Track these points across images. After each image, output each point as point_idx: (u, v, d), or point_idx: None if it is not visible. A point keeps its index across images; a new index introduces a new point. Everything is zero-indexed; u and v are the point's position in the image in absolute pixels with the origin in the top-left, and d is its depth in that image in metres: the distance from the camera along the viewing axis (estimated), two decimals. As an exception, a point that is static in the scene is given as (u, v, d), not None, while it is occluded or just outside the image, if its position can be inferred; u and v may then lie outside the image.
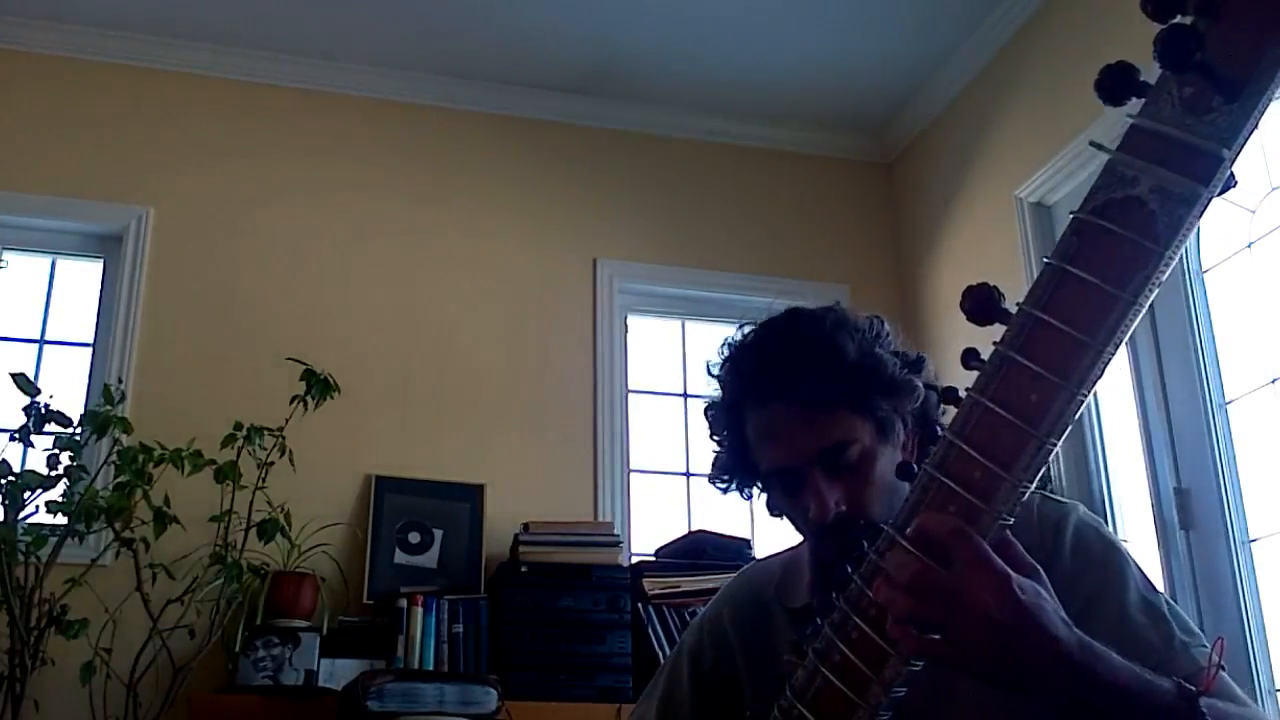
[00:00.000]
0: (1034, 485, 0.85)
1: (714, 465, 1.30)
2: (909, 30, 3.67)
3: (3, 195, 3.46)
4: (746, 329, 1.26)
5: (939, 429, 1.19)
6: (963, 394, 0.88)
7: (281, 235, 3.65)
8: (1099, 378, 0.81)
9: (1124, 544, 1.18)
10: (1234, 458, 2.66)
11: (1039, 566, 0.91)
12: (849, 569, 0.95)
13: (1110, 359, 0.81)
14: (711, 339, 3.98)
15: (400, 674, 2.78)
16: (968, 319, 0.88)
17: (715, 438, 1.29)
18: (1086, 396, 0.82)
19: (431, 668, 3.03)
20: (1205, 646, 1.06)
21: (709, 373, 1.29)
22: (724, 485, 1.30)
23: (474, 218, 3.83)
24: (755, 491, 1.30)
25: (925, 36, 3.70)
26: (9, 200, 3.47)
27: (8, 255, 3.52)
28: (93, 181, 3.55)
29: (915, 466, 0.92)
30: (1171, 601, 1.13)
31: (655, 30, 3.67)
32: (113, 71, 3.67)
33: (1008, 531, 0.88)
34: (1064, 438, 0.83)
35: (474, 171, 3.88)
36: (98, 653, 2.78)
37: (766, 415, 1.19)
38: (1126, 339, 0.81)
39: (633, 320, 3.92)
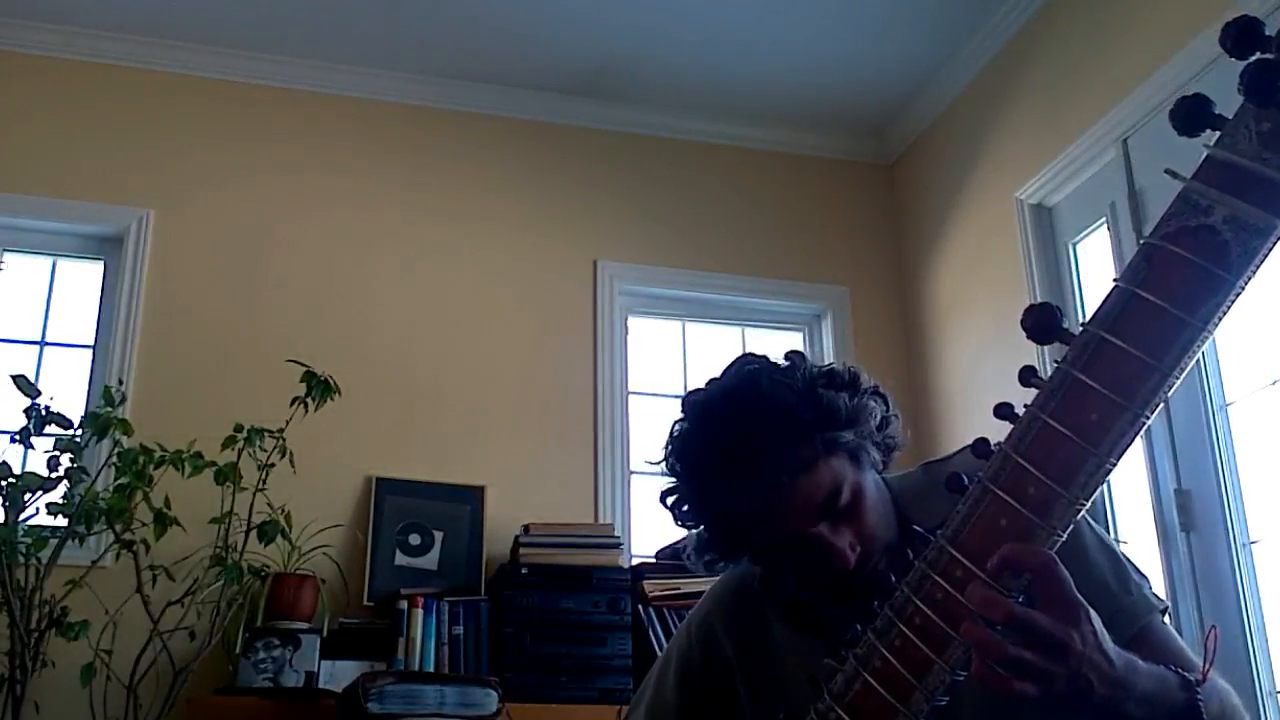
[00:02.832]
0: (1089, 504, 0.86)
1: (698, 550, 1.27)
2: (909, 31, 3.67)
3: (3, 197, 3.46)
4: (684, 426, 1.23)
5: (887, 418, 1.23)
6: (1020, 410, 0.88)
7: (281, 236, 3.65)
8: (1162, 401, 0.82)
9: None
10: (1235, 459, 2.66)
11: None
12: (893, 578, 0.95)
13: (1175, 384, 0.81)
14: (712, 340, 4.00)
15: (401, 676, 2.78)
16: (1028, 337, 0.88)
17: (687, 525, 1.26)
18: (1149, 419, 0.82)
19: (432, 669, 3.03)
20: (1152, 588, 1.17)
21: (666, 469, 1.24)
22: (710, 563, 1.27)
23: (474, 219, 3.83)
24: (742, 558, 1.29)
25: (926, 38, 3.70)
26: (9, 201, 3.47)
27: (8, 256, 3.52)
28: (93, 183, 3.55)
29: (964, 478, 0.92)
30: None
31: (655, 32, 3.67)
32: (114, 73, 3.68)
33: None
34: (1123, 458, 0.83)
35: (474, 173, 3.88)
36: (98, 654, 2.78)
37: (753, 502, 1.17)
38: (1192, 364, 0.82)
39: (633, 322, 3.92)
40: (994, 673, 0.87)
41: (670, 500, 1.26)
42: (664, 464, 1.25)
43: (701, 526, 1.25)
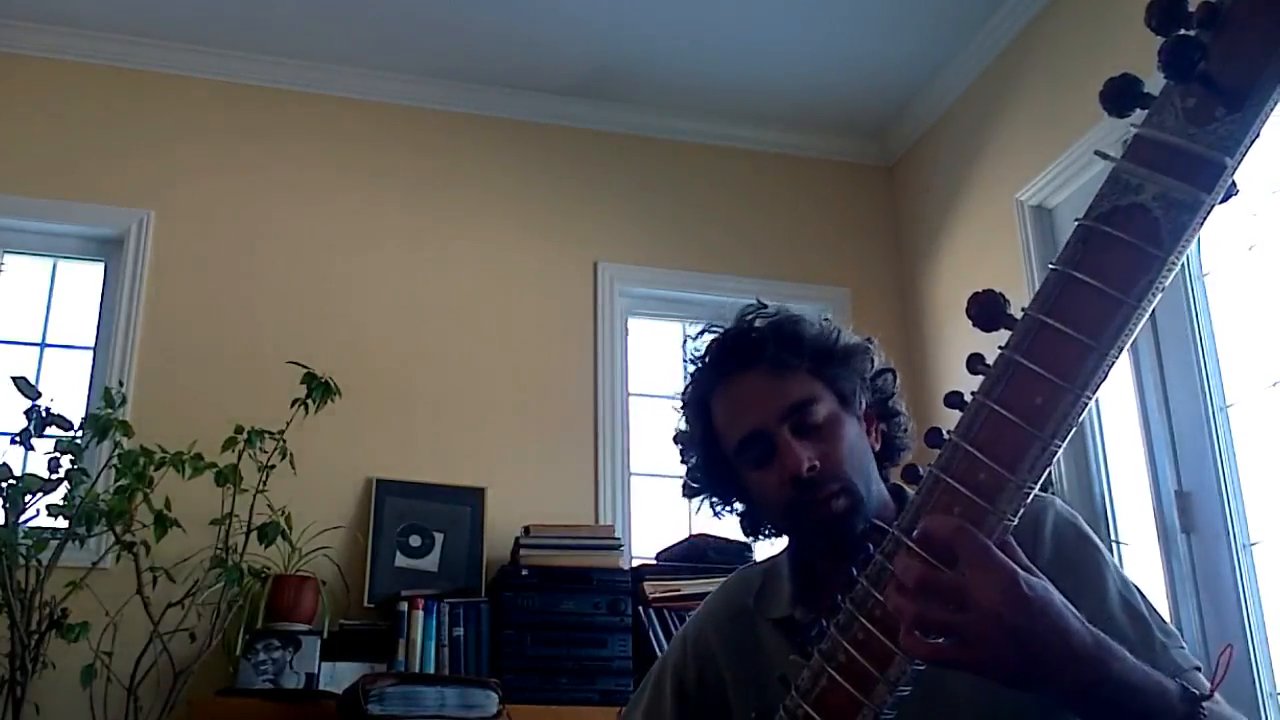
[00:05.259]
0: (1038, 487, 0.86)
1: (687, 474, 1.37)
2: (910, 33, 3.67)
3: (3, 198, 3.46)
4: (695, 348, 1.34)
5: (893, 406, 1.32)
6: (968, 397, 0.89)
7: (282, 238, 3.65)
8: (1103, 381, 0.83)
9: (1099, 540, 1.20)
10: (1235, 460, 2.66)
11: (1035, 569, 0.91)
12: (854, 570, 0.95)
13: (1114, 363, 0.82)
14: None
15: (401, 677, 2.78)
16: (973, 324, 0.89)
17: (684, 451, 1.37)
18: (1090, 399, 0.83)
19: (432, 671, 3.03)
20: (1183, 647, 1.10)
21: (679, 400, 1.37)
22: (696, 490, 1.37)
23: (474, 221, 3.83)
24: (731, 504, 1.36)
25: (926, 39, 3.70)
26: (9, 203, 3.47)
27: (9, 258, 3.53)
28: (94, 184, 3.55)
29: (920, 469, 0.93)
30: (1147, 599, 1.15)
31: (655, 34, 3.67)
32: (114, 75, 3.68)
33: (1009, 535, 0.88)
34: (1068, 439, 0.84)
35: (474, 175, 3.88)
36: (98, 656, 2.78)
37: (733, 389, 1.27)
38: (1130, 343, 0.82)
39: (633, 323, 3.92)
40: (914, 638, 0.86)
41: (676, 433, 1.38)
42: (678, 400, 1.36)
43: (690, 448, 1.35)
